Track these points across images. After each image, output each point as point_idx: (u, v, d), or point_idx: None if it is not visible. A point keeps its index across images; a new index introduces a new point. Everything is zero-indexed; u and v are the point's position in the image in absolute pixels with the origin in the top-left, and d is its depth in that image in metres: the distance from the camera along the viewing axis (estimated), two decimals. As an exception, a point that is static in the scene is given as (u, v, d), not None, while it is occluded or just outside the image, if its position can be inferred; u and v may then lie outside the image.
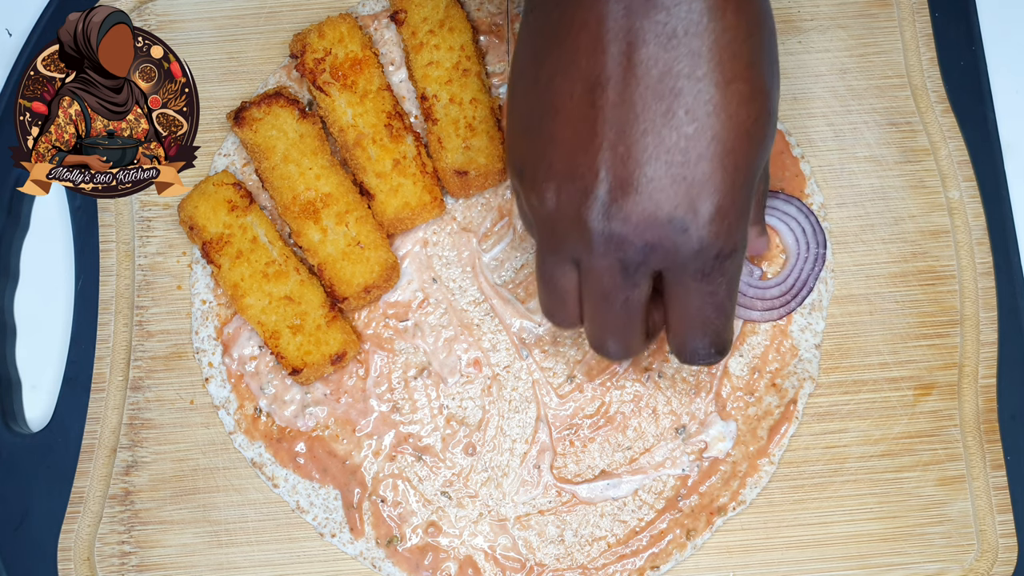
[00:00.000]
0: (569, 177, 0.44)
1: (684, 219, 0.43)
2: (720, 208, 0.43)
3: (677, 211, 0.43)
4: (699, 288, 0.45)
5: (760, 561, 0.57)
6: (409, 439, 0.59)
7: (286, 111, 0.59)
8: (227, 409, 0.59)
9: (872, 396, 0.59)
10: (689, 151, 0.42)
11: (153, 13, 0.64)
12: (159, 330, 0.60)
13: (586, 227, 0.44)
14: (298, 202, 0.58)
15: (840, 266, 0.61)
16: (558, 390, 0.59)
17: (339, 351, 0.57)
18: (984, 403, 0.59)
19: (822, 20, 0.64)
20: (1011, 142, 0.63)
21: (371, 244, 0.58)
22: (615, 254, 0.44)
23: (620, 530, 0.58)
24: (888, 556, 0.57)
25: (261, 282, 0.58)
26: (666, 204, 0.43)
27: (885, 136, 0.62)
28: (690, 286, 0.45)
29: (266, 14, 0.64)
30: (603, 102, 0.43)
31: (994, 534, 0.57)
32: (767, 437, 0.58)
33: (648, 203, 0.43)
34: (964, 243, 0.61)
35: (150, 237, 0.62)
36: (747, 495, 0.58)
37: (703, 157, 0.42)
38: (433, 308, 0.60)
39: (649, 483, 0.58)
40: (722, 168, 0.43)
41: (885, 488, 0.58)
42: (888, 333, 0.60)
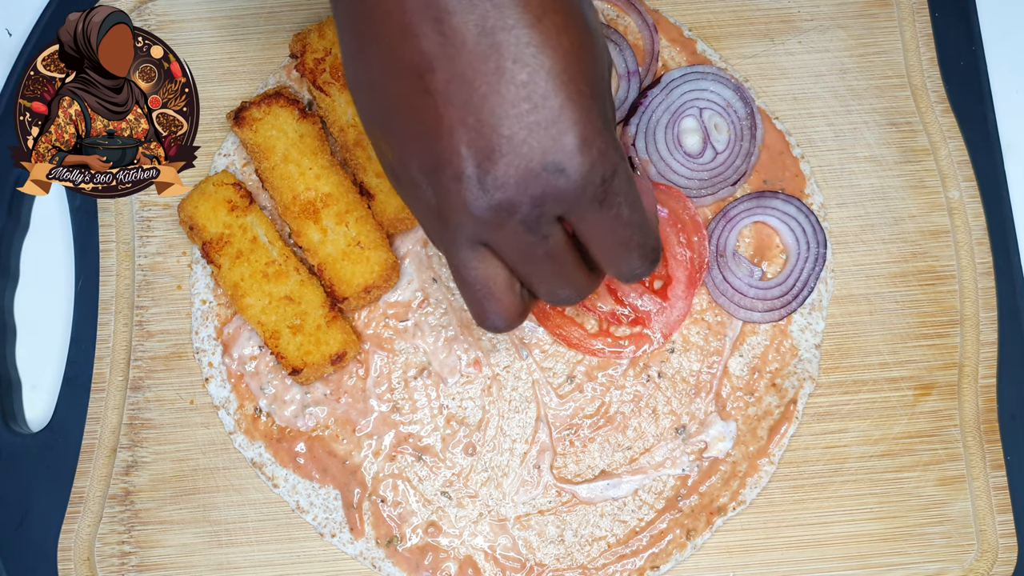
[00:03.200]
0: (434, 169, 0.44)
1: (556, 160, 0.43)
2: (583, 136, 0.43)
3: (547, 156, 0.43)
4: (602, 216, 0.45)
5: (760, 561, 0.57)
6: (409, 439, 0.59)
7: (286, 111, 0.59)
8: (227, 409, 0.59)
9: (872, 396, 0.59)
10: (532, 96, 0.42)
11: (153, 13, 0.64)
12: (159, 330, 0.60)
13: (472, 207, 0.44)
14: (298, 202, 0.58)
15: (840, 266, 0.61)
16: (558, 390, 0.59)
17: (339, 351, 0.57)
18: (984, 403, 0.59)
19: (822, 20, 0.64)
20: (1011, 142, 0.63)
21: (371, 244, 0.58)
22: (512, 219, 0.44)
23: (620, 530, 0.58)
24: (888, 556, 0.57)
25: (261, 282, 0.58)
26: (534, 154, 0.43)
27: (885, 136, 0.62)
28: (593, 219, 0.45)
29: (266, 14, 0.64)
30: (435, 84, 0.43)
31: (994, 534, 0.57)
32: (767, 437, 0.58)
33: (517, 160, 0.43)
34: (964, 243, 0.61)
35: (150, 237, 0.62)
36: (747, 495, 0.58)
37: (547, 96, 0.42)
38: (433, 308, 0.60)
39: (649, 483, 0.58)
40: (568, 99, 0.43)
41: (885, 488, 0.58)
42: (888, 333, 0.60)
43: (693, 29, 0.63)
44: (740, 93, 0.61)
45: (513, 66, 0.42)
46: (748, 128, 0.61)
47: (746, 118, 0.61)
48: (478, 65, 0.42)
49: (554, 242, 0.46)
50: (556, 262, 0.47)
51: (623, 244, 0.47)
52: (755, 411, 0.59)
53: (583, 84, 0.43)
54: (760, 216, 0.61)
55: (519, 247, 0.46)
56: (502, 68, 0.42)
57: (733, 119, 0.61)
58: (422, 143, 0.44)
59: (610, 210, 0.45)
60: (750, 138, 0.61)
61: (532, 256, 0.46)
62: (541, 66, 0.42)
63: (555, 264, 0.47)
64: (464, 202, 0.44)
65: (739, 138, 0.61)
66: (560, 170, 0.43)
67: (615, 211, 0.45)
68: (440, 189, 0.44)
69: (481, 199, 0.43)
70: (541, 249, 0.46)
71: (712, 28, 0.64)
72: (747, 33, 0.64)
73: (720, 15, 0.64)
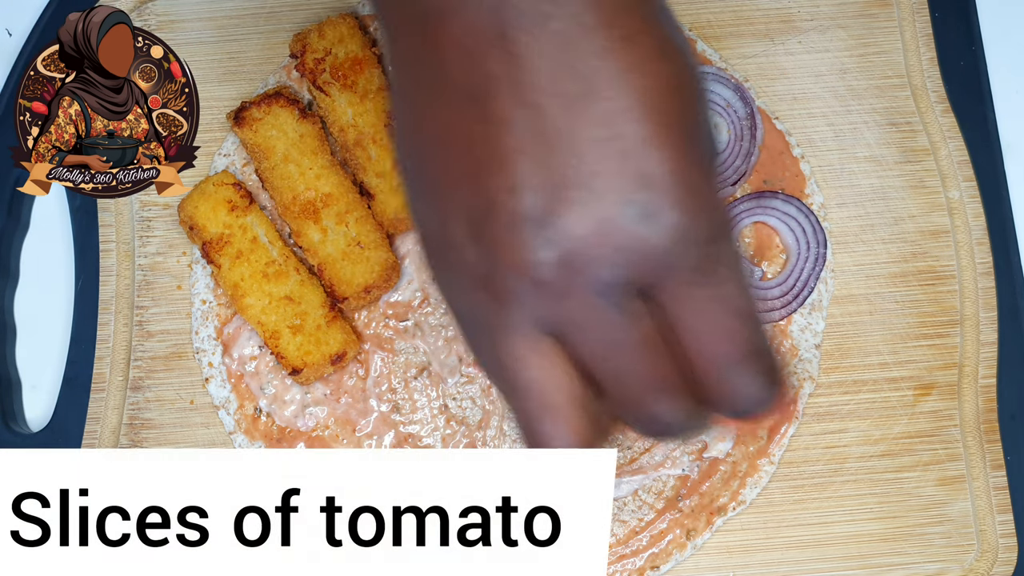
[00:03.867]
0: (484, 215, 0.33)
1: (643, 199, 0.32)
2: (677, 170, 0.33)
3: (633, 195, 0.32)
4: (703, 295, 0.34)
5: (760, 561, 0.57)
6: (409, 439, 0.59)
7: (286, 111, 0.59)
8: (227, 409, 0.59)
9: (872, 396, 0.59)
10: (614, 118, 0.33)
11: (153, 13, 0.64)
12: (159, 330, 0.60)
13: (531, 264, 0.33)
14: (298, 202, 0.58)
15: (840, 266, 0.61)
16: (558, 390, 0.59)
17: (339, 351, 0.57)
18: (984, 403, 0.59)
19: (822, 20, 0.64)
20: (1011, 142, 0.63)
21: (371, 244, 0.58)
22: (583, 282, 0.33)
23: (620, 530, 0.58)
24: (888, 556, 0.57)
25: (261, 282, 0.58)
26: (616, 193, 0.32)
27: (885, 136, 0.62)
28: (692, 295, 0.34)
29: (266, 14, 0.64)
30: (497, 111, 0.33)
31: (994, 534, 0.57)
32: (767, 437, 0.58)
33: (593, 199, 0.32)
34: (964, 243, 0.61)
35: (150, 237, 0.62)
36: (747, 495, 0.58)
37: (633, 119, 0.33)
38: (433, 308, 0.60)
39: (649, 483, 0.58)
40: (659, 125, 0.33)
41: (885, 488, 0.58)
42: (888, 333, 0.60)
43: (693, 29, 0.63)
44: (740, 93, 0.61)
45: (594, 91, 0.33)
46: (748, 128, 0.61)
47: (746, 118, 0.61)
48: (551, 88, 0.33)
49: (647, 328, 0.34)
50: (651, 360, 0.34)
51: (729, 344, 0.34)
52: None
53: (681, 120, 0.34)
54: (760, 216, 0.61)
55: (600, 332, 0.34)
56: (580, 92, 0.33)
57: (733, 119, 0.61)
58: (472, 184, 0.34)
59: (715, 288, 0.34)
60: (750, 138, 0.61)
61: (618, 345, 0.34)
62: (629, 93, 0.33)
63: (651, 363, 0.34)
64: (520, 260, 0.33)
65: (739, 138, 0.61)
66: (648, 213, 0.32)
67: (721, 290, 0.34)
68: (490, 245, 0.33)
69: (543, 250, 0.33)
70: (632, 334, 0.34)
71: (712, 28, 0.64)
72: (747, 33, 0.64)
73: (720, 15, 0.64)
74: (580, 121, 0.33)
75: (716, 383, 0.35)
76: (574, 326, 0.34)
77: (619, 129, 0.33)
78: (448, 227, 0.35)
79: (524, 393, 0.35)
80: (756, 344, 0.35)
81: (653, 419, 0.35)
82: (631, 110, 0.33)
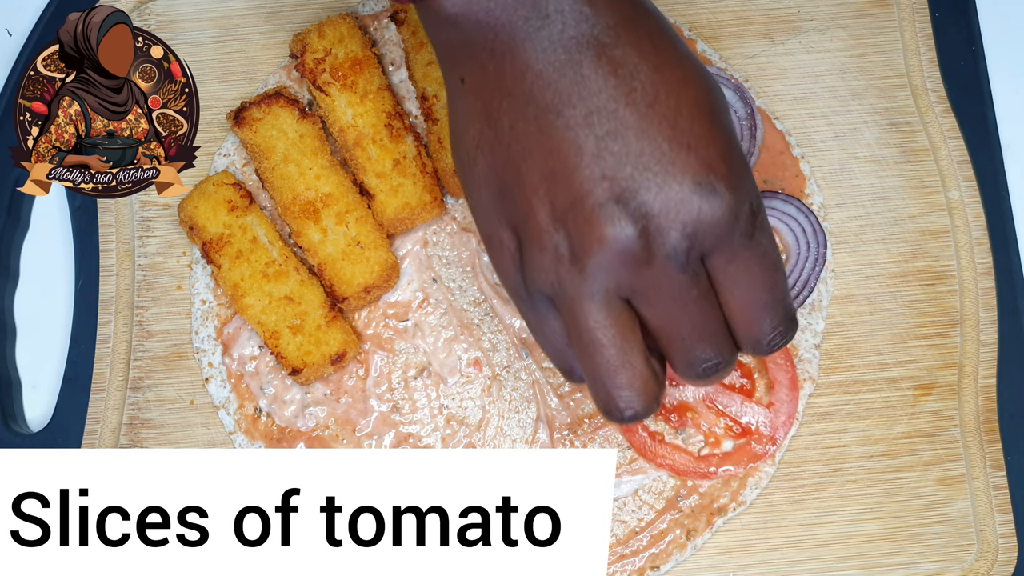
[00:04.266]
0: (571, 205, 0.41)
1: (708, 181, 0.41)
2: (728, 158, 0.41)
3: (698, 177, 0.41)
4: (750, 254, 0.42)
5: (760, 561, 0.57)
6: (409, 439, 0.59)
7: (286, 111, 0.59)
8: (227, 409, 0.59)
9: (872, 396, 0.59)
10: (677, 119, 0.41)
11: (153, 13, 0.64)
12: (159, 330, 0.60)
13: (615, 240, 0.41)
14: (298, 202, 0.59)
15: (840, 266, 0.61)
16: (558, 390, 0.59)
17: (339, 351, 0.57)
18: (984, 403, 0.59)
19: (822, 20, 0.64)
20: (1011, 142, 0.63)
21: (371, 244, 0.58)
22: (660, 252, 0.41)
23: (620, 530, 0.58)
24: (888, 556, 0.57)
25: (261, 282, 0.58)
26: (685, 175, 0.41)
27: (885, 136, 0.62)
28: (741, 257, 0.42)
29: (266, 14, 0.64)
30: (575, 118, 0.41)
31: (994, 534, 0.57)
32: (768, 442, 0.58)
33: (663, 180, 0.40)
34: (964, 243, 0.61)
35: (150, 237, 0.62)
36: (747, 495, 0.58)
37: (692, 119, 0.41)
38: (433, 308, 0.60)
39: (649, 483, 0.58)
40: (710, 124, 0.42)
41: (885, 488, 0.58)
42: (888, 333, 0.60)
43: (693, 29, 0.63)
44: (740, 93, 0.61)
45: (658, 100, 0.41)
46: (748, 128, 0.61)
47: (746, 118, 0.61)
48: (620, 98, 0.41)
49: (704, 285, 0.42)
50: (705, 313, 0.43)
51: (766, 294, 0.43)
52: (755, 411, 0.59)
53: (723, 119, 0.43)
54: (760, 216, 0.61)
55: (670, 290, 0.41)
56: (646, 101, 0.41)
57: (733, 119, 0.61)
58: (557, 181, 0.42)
59: (758, 248, 0.42)
60: (750, 138, 0.61)
61: (684, 302, 0.42)
62: (687, 100, 0.42)
63: (704, 315, 0.43)
64: (605, 236, 0.41)
65: (739, 138, 0.61)
66: (712, 191, 0.40)
67: (762, 250, 0.43)
68: (577, 226, 0.41)
69: (626, 228, 0.40)
70: (694, 292, 0.42)
71: (712, 28, 0.64)
72: (747, 33, 0.64)
73: (720, 15, 0.64)
74: (648, 123, 0.41)
75: (749, 326, 0.43)
76: (650, 287, 0.41)
77: (681, 127, 0.41)
78: (534, 218, 0.42)
79: (602, 351, 0.42)
80: (783, 297, 0.44)
81: (702, 361, 0.43)
82: (690, 113, 0.41)
